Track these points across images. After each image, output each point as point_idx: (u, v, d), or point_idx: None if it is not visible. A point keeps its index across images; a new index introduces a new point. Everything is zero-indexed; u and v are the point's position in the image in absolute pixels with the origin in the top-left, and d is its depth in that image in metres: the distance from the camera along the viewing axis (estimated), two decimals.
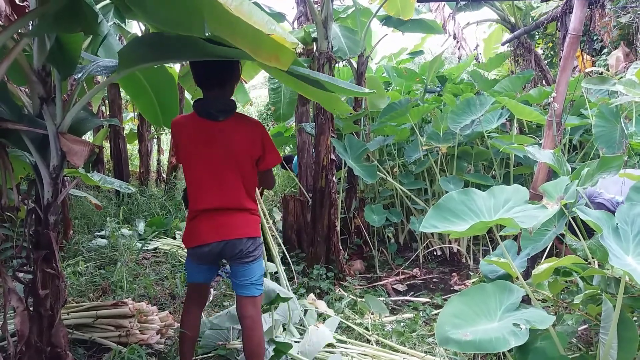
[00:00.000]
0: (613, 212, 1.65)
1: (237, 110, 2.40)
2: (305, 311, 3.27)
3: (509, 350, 1.61)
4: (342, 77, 6.35)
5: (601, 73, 2.62)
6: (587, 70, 2.86)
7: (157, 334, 3.00)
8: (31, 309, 2.11)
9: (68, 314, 3.01)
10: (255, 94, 13.90)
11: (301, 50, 4.62)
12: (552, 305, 2.27)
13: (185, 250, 2.47)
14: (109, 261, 4.39)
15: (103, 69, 2.31)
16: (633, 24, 3.64)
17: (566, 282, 2.01)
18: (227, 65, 2.33)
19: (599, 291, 1.79)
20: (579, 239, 1.99)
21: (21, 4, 2.20)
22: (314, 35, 4.29)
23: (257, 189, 2.59)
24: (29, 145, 2.11)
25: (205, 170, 2.32)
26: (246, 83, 6.43)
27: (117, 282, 3.90)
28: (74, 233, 5.10)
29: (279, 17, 5.09)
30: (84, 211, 5.91)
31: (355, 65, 4.86)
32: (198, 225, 2.33)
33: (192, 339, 2.48)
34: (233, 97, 2.46)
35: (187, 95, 7.09)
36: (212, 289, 3.77)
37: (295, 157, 6.01)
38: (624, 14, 4.33)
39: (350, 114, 4.62)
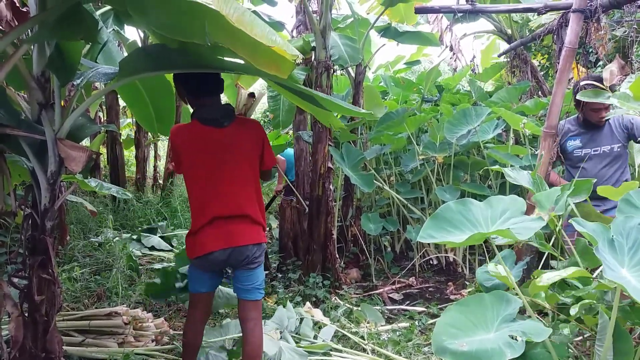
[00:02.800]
0: None
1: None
2: (301, 319, 3.26)
3: None
4: (340, 86, 6.38)
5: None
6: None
7: (153, 341, 2.99)
8: (26, 314, 2.10)
9: (63, 320, 3.00)
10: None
11: (300, 60, 4.65)
12: (547, 316, 2.28)
13: (190, 261, 2.44)
14: (105, 267, 4.37)
15: (102, 75, 2.31)
16: (628, 38, 3.68)
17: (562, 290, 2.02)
18: (219, 73, 2.36)
19: (595, 301, 1.80)
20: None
21: (23, 9, 2.21)
22: (313, 44, 4.32)
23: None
24: (27, 150, 2.11)
25: (214, 178, 2.32)
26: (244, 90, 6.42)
27: (113, 288, 3.88)
28: (70, 239, 5.08)
29: (278, 26, 5.11)
30: (80, 217, 5.90)
31: (353, 74, 4.89)
32: (205, 234, 2.31)
33: (196, 348, 2.49)
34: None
35: None
36: None
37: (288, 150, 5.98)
38: (619, 28, 4.38)
39: (346, 124, 4.64)
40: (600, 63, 7.62)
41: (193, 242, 2.35)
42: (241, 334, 2.47)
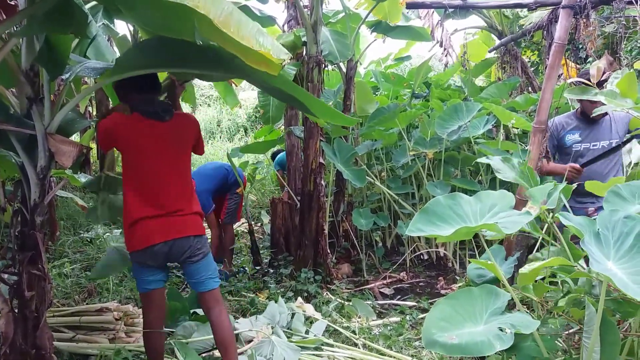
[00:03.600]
0: None
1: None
2: (293, 314, 3.27)
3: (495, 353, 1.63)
4: (331, 82, 6.38)
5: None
6: (569, 81, 2.91)
7: None
8: (16, 310, 2.09)
9: (53, 317, 2.99)
10: (243, 96, 13.88)
11: (291, 55, 4.63)
12: (536, 309, 2.31)
13: (130, 255, 2.45)
14: (95, 263, 4.35)
15: (91, 70, 2.31)
16: (617, 34, 3.72)
17: (551, 284, 2.05)
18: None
19: (582, 294, 1.82)
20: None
21: (11, 3, 2.19)
22: (304, 39, 4.31)
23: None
24: (16, 145, 2.10)
25: (157, 170, 2.37)
26: (236, 86, 6.42)
27: (103, 284, 3.87)
28: (60, 234, 5.05)
29: (269, 20, 5.09)
30: (70, 212, 5.87)
31: (344, 69, 4.89)
32: (146, 226, 2.33)
33: (161, 352, 2.50)
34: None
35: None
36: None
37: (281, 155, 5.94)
38: (608, 24, 4.42)
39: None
40: (590, 59, 7.68)
41: (132, 235, 2.36)
42: (235, 331, 2.48)
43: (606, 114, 3.14)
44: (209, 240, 5.63)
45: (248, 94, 14.50)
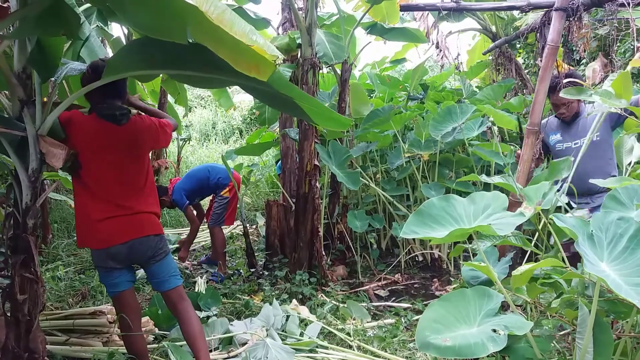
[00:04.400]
0: None
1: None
2: (288, 317, 3.26)
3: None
4: (327, 84, 6.38)
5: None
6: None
7: None
8: (8, 314, 2.08)
9: (46, 320, 2.97)
10: (239, 98, 13.86)
11: (281, 61, 4.63)
12: (530, 310, 2.31)
13: (92, 257, 2.48)
14: (89, 266, 4.33)
15: (79, 71, 2.32)
16: (610, 36, 3.74)
17: (544, 285, 2.05)
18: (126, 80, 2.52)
19: (575, 295, 1.82)
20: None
21: (3, 5, 2.18)
22: (299, 41, 4.31)
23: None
24: (7, 148, 2.09)
25: (111, 172, 2.38)
26: (230, 88, 6.41)
27: (97, 287, 3.85)
28: (53, 237, 5.02)
29: (264, 23, 5.10)
30: (64, 215, 5.84)
31: (339, 72, 4.89)
32: (105, 226, 2.34)
33: (145, 353, 2.53)
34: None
35: (170, 99, 7.06)
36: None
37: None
38: (601, 26, 4.45)
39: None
40: (584, 61, 7.73)
41: (89, 235, 2.36)
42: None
43: (579, 114, 3.18)
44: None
45: (243, 96, 14.48)
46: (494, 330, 1.63)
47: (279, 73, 2.13)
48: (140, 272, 3.91)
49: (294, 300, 3.63)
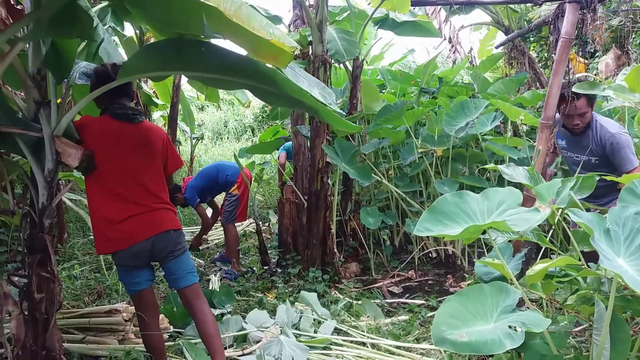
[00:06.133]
0: None
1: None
2: (301, 315, 3.27)
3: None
4: (339, 80, 6.36)
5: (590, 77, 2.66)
6: (577, 76, 2.86)
7: None
8: (26, 313, 2.11)
9: (63, 318, 3.01)
10: (251, 95, 13.89)
11: (298, 53, 4.63)
12: (546, 306, 2.29)
13: (114, 258, 2.48)
14: (105, 264, 4.38)
15: (82, 75, 2.36)
16: (624, 28, 3.68)
17: (560, 282, 2.03)
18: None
19: (591, 291, 1.80)
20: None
21: (17, 7, 2.20)
22: (310, 38, 4.30)
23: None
24: (24, 148, 2.11)
25: (133, 171, 2.41)
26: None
27: (113, 285, 3.89)
28: (69, 236, 5.08)
29: (275, 20, 5.09)
30: (79, 215, 5.90)
31: (350, 68, 4.88)
32: (127, 226, 2.35)
33: (164, 351, 2.56)
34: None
35: (188, 95, 7.08)
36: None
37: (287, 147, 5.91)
38: (615, 17, 4.38)
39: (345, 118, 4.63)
40: (598, 53, 7.62)
41: (111, 236, 2.36)
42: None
43: (588, 127, 2.98)
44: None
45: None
46: (511, 327, 1.62)
47: (289, 81, 2.13)
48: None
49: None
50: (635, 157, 2.85)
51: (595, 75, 7.18)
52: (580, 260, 1.82)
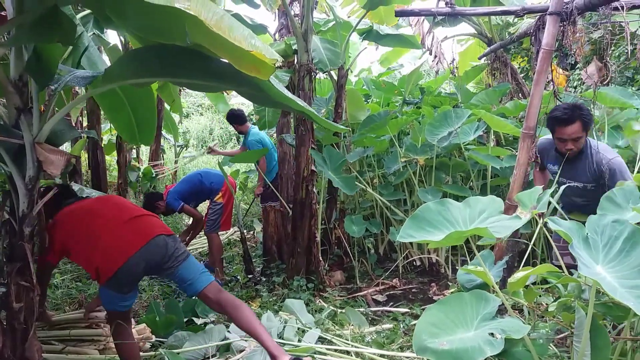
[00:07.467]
0: None
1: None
2: (285, 324, 3.25)
3: None
4: (323, 90, 6.39)
5: (575, 87, 2.71)
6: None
7: None
8: (4, 322, 2.07)
9: (42, 329, 2.96)
10: (236, 101, 13.85)
11: (282, 63, 4.65)
12: (528, 313, 2.31)
13: (108, 286, 2.42)
14: (86, 273, 4.32)
15: (80, 79, 2.31)
16: (604, 40, 3.76)
17: (542, 289, 2.05)
18: None
19: (572, 298, 1.83)
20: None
21: (1, 13, 2.18)
22: (295, 47, 4.33)
23: None
24: (4, 155, 2.09)
25: (114, 220, 2.48)
26: (227, 94, 6.42)
27: (94, 294, 3.83)
28: None
29: (260, 29, 5.11)
30: None
31: (335, 77, 4.91)
32: (115, 242, 2.38)
33: None
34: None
35: (167, 106, 7.06)
36: None
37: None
38: (595, 30, 4.47)
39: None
40: (578, 65, 7.76)
41: (104, 258, 2.37)
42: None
43: (582, 153, 2.90)
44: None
45: (240, 99, 14.46)
46: (491, 334, 1.63)
47: (273, 87, 2.14)
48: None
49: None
50: (632, 178, 2.76)
51: (576, 87, 7.31)
52: (560, 268, 1.84)
